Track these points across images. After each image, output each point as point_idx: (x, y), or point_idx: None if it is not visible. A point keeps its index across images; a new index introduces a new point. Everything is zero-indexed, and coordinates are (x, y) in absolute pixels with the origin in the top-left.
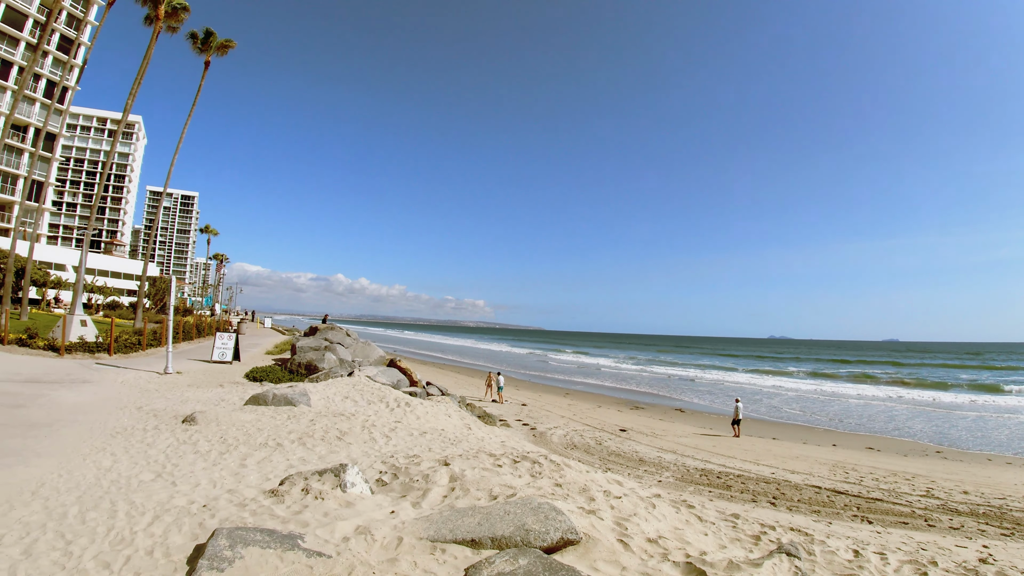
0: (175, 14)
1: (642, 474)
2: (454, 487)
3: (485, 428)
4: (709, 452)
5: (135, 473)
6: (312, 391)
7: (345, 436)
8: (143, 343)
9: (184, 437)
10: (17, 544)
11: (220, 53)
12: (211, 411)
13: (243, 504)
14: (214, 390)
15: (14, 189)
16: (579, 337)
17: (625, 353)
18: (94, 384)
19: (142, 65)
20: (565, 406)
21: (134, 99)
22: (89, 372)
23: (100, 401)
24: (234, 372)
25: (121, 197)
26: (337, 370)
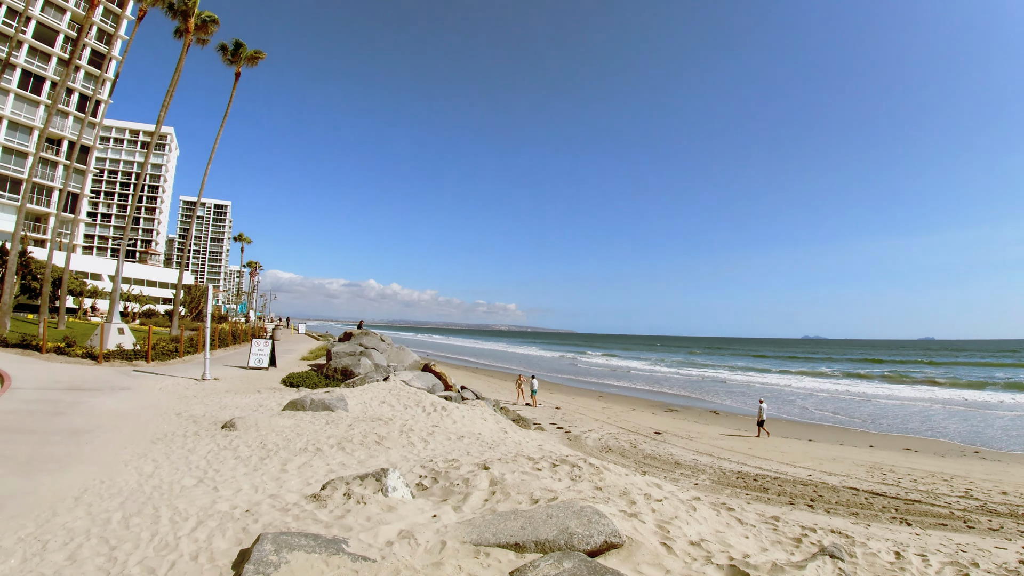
0: (204, 27)
1: (678, 477)
2: (495, 491)
3: (521, 432)
4: (745, 454)
5: (177, 479)
6: (349, 396)
7: (384, 441)
8: (180, 350)
9: (224, 443)
10: (61, 550)
11: (250, 64)
12: (250, 417)
13: (286, 509)
14: (252, 396)
15: (49, 201)
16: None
17: (657, 355)
18: (133, 391)
19: (173, 78)
20: (599, 409)
21: (166, 111)
22: (128, 379)
23: (140, 408)
24: (271, 378)
25: (155, 207)
26: (373, 375)
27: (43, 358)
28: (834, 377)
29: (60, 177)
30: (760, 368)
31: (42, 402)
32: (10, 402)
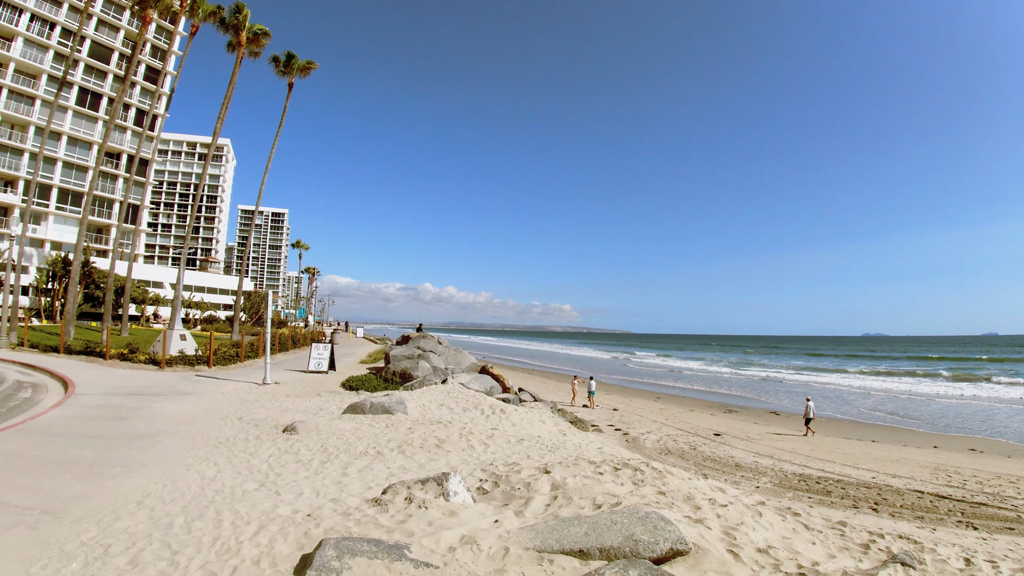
0: (256, 39)
1: (739, 480)
2: (556, 495)
3: (580, 434)
4: (807, 456)
5: (239, 483)
6: (408, 399)
7: (443, 444)
8: (241, 355)
9: (285, 446)
10: (123, 554)
11: (302, 75)
12: (311, 420)
13: (347, 513)
14: (312, 399)
15: (110, 213)
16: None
17: (714, 355)
18: (195, 396)
19: (227, 91)
20: (657, 410)
21: (222, 123)
22: (190, 384)
23: (202, 412)
24: (330, 381)
25: (214, 217)
26: (431, 378)
27: (107, 364)
28: (895, 375)
29: (120, 190)
30: (818, 367)
31: (105, 407)
32: (74, 408)
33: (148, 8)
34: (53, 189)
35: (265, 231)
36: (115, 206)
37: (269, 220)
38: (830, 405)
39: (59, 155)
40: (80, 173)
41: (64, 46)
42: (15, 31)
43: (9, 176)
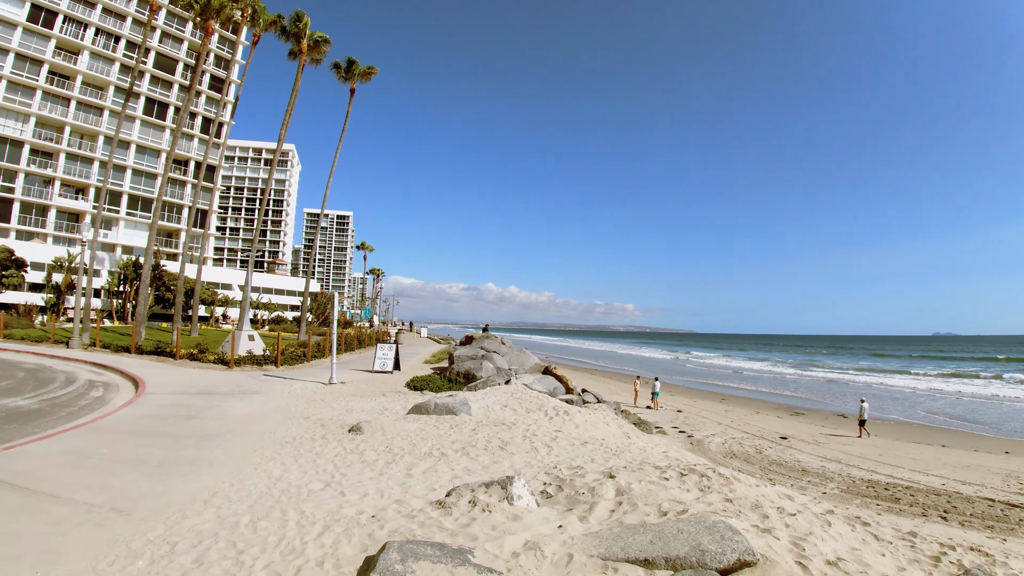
0: (317, 47)
1: (806, 485)
2: (621, 501)
3: (644, 437)
4: (875, 461)
5: (305, 482)
6: (472, 400)
7: (507, 446)
8: (307, 355)
9: (351, 447)
10: (189, 552)
11: (363, 80)
12: (376, 421)
13: (411, 515)
14: (377, 400)
15: (179, 218)
16: (730, 339)
17: (779, 355)
18: (263, 395)
19: (291, 98)
20: (722, 412)
21: (286, 129)
22: (257, 384)
23: (269, 411)
24: (395, 381)
25: (281, 220)
26: (494, 378)
27: (176, 364)
28: (963, 377)
29: (189, 195)
30: (885, 368)
31: (175, 406)
32: (145, 407)
33: (210, 19)
34: (123, 195)
35: (330, 233)
36: (184, 211)
37: (334, 223)
38: (897, 408)
39: (128, 163)
40: (149, 180)
41: (129, 58)
42: (81, 45)
43: (80, 184)
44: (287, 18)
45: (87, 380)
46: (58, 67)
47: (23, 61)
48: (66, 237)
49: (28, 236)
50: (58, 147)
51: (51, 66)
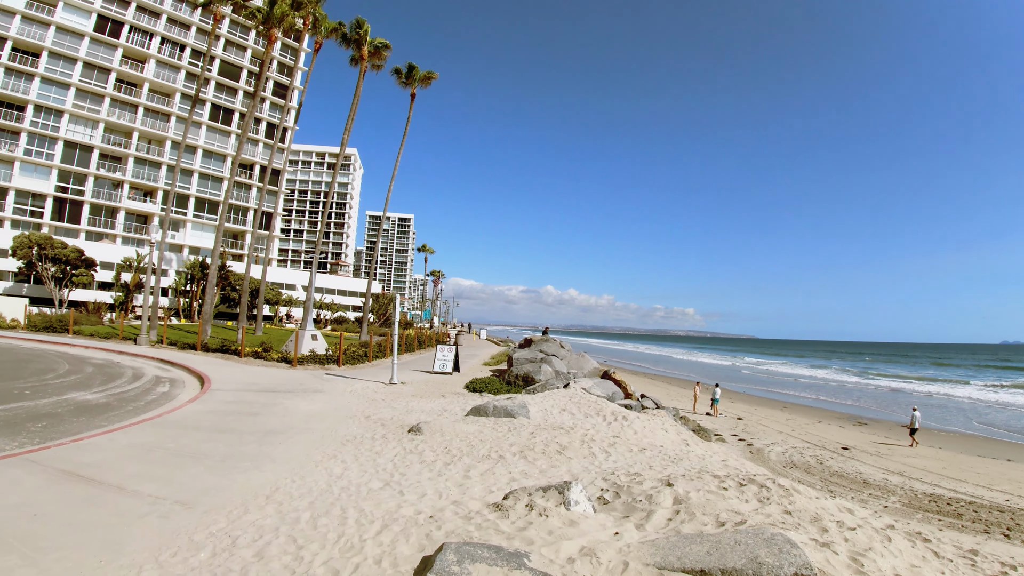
0: (377, 53)
1: (866, 498)
2: (679, 510)
3: (703, 444)
4: (938, 475)
5: (364, 481)
6: (530, 403)
7: (565, 451)
8: (369, 355)
9: (410, 447)
10: (250, 546)
11: (423, 85)
12: (435, 421)
13: (468, 517)
14: (436, 400)
15: (245, 220)
16: (792, 345)
17: (841, 363)
18: (325, 394)
19: (353, 103)
20: (783, 420)
21: (349, 134)
22: (320, 382)
23: (330, 410)
24: (454, 383)
25: (343, 222)
26: (553, 382)
27: (241, 362)
28: None
29: (254, 198)
30: (950, 378)
31: (239, 403)
32: (209, 403)
33: (273, 28)
34: (190, 198)
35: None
36: (249, 213)
37: (396, 225)
38: (960, 419)
39: (195, 167)
40: (215, 183)
41: (194, 66)
42: (147, 54)
43: (148, 187)
44: (348, 25)
45: (154, 376)
46: (125, 75)
47: (91, 69)
48: (135, 238)
49: (98, 237)
50: (126, 152)
51: (119, 74)
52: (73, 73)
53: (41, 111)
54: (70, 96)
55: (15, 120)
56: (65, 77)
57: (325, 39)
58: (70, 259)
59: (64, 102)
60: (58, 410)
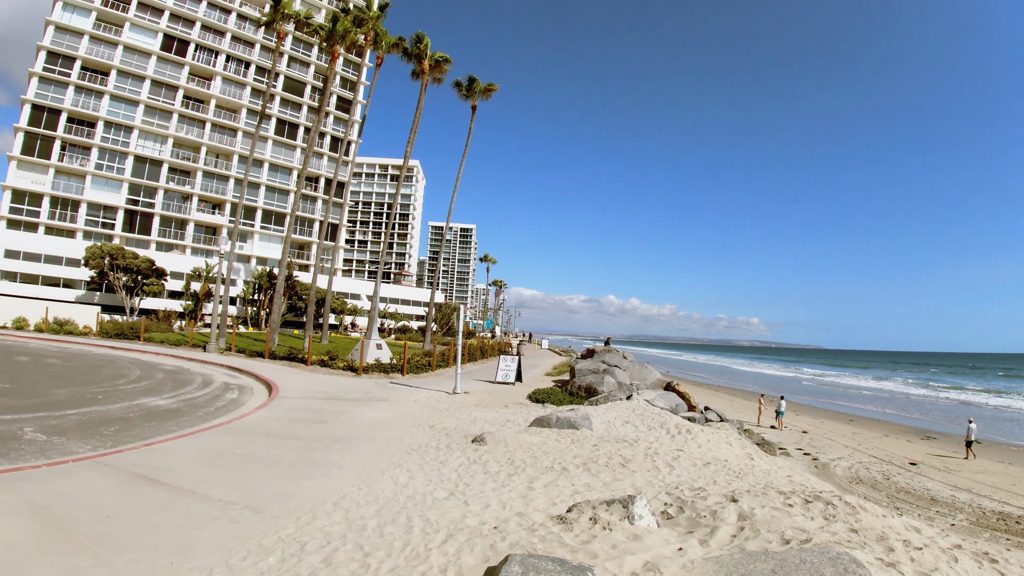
0: (438, 66)
1: (933, 515)
2: (743, 526)
3: (767, 459)
4: (1007, 491)
5: (429, 490)
6: (593, 415)
7: (628, 463)
8: (432, 364)
9: (474, 457)
10: (318, 552)
11: (484, 96)
12: (498, 432)
13: (532, 529)
14: (500, 411)
15: (311, 231)
16: (857, 356)
17: (908, 375)
18: (389, 402)
19: (415, 116)
20: (849, 434)
21: (411, 147)
22: (384, 391)
23: (395, 419)
24: (517, 393)
25: (407, 233)
26: (616, 393)
27: (307, 370)
28: None
29: (319, 210)
30: (1021, 391)
31: (306, 411)
32: (277, 410)
33: (336, 45)
34: (257, 211)
35: (454, 246)
36: (315, 225)
37: (458, 235)
38: None
39: (262, 180)
40: (282, 196)
41: (259, 82)
42: (213, 71)
43: (217, 200)
44: (408, 40)
45: (223, 382)
46: (193, 92)
47: (159, 87)
48: (204, 248)
49: (168, 248)
50: (195, 166)
51: (186, 91)
52: (142, 91)
53: (111, 127)
54: (139, 112)
55: (86, 136)
56: (134, 94)
57: (386, 54)
58: (141, 269)
59: (134, 118)
60: (130, 415)
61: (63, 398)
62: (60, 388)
